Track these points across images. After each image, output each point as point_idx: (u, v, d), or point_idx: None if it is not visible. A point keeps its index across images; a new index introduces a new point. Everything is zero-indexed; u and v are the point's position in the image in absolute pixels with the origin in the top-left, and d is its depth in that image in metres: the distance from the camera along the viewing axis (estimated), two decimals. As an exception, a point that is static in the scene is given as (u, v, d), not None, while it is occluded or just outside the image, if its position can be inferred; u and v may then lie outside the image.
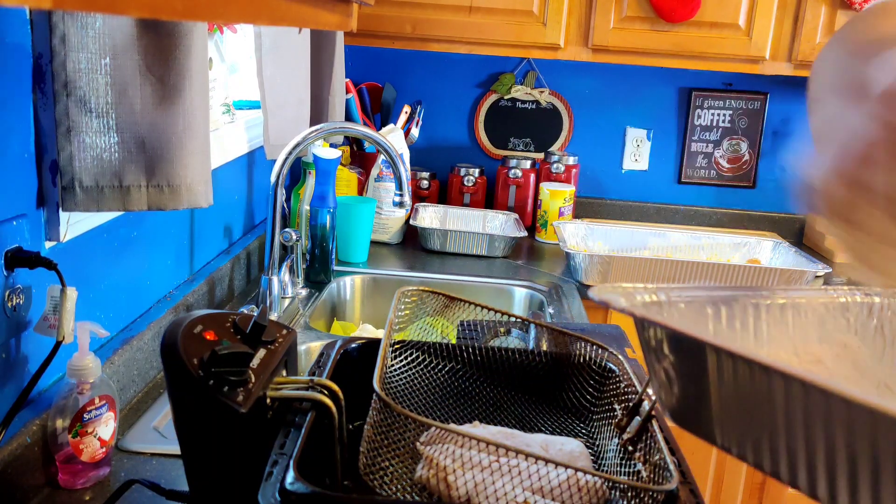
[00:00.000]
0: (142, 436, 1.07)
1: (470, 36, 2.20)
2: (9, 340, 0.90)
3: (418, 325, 0.92)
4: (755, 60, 2.21)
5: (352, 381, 0.80)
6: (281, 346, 0.80)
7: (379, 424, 0.72)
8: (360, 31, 2.20)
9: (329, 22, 1.00)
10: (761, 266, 1.96)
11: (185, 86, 1.03)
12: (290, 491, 0.61)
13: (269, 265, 1.52)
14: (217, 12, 0.54)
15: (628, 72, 2.55)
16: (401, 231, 2.22)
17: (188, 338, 0.74)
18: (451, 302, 0.92)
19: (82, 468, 0.93)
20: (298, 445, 0.67)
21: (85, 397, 0.92)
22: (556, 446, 0.77)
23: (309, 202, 1.76)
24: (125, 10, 0.42)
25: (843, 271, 2.29)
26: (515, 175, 2.46)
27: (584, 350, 0.89)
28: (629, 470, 0.73)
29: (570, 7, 2.20)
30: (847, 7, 2.16)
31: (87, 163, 0.94)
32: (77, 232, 1.03)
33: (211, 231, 1.59)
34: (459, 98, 2.63)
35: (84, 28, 0.90)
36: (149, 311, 1.29)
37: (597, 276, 1.94)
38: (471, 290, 1.86)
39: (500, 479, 0.67)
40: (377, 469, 0.69)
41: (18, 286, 0.90)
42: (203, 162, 1.10)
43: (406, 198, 1.55)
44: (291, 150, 1.49)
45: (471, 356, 0.90)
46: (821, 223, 0.58)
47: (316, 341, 1.46)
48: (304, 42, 1.73)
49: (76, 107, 0.92)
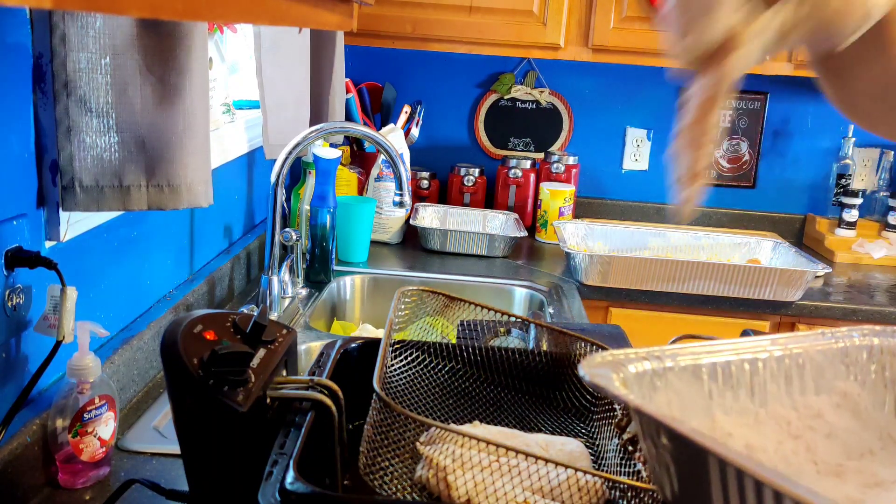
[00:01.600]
0: (142, 435, 1.07)
1: (470, 36, 2.20)
2: (9, 340, 0.90)
3: (418, 325, 0.92)
4: (755, 60, 2.21)
5: (352, 381, 0.80)
6: (281, 345, 0.80)
7: (379, 424, 0.72)
8: (360, 31, 2.20)
9: (329, 22, 1.00)
10: (761, 266, 1.96)
11: (186, 86, 1.03)
12: (290, 491, 0.61)
13: (269, 265, 1.52)
14: (217, 12, 0.54)
15: (628, 72, 2.55)
16: (401, 231, 2.22)
17: (188, 337, 0.74)
18: (451, 302, 0.92)
19: (82, 468, 0.93)
20: (298, 445, 0.67)
21: (85, 397, 0.92)
22: (556, 446, 0.77)
23: (309, 202, 1.76)
24: (125, 10, 0.42)
25: (843, 271, 2.29)
26: (515, 175, 2.46)
27: (584, 350, 0.89)
28: (629, 470, 0.73)
29: (571, 7, 2.20)
30: (847, 7, 2.16)
31: (87, 162, 0.94)
32: (77, 231, 1.03)
33: (211, 231, 1.59)
34: (459, 98, 2.63)
35: (84, 28, 0.90)
36: (149, 310, 1.29)
37: (597, 276, 1.94)
38: (471, 290, 1.86)
39: (500, 479, 0.67)
40: (377, 469, 0.69)
41: (18, 286, 0.90)
42: (203, 162, 1.10)
43: (406, 198, 1.55)
44: (291, 149, 1.49)
45: (471, 356, 0.90)
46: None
47: (316, 341, 1.46)
48: (304, 42, 1.73)
49: (76, 106, 0.92)
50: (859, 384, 0.62)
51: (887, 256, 2.38)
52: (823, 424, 0.60)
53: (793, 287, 1.93)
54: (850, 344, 0.63)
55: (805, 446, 0.58)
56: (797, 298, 1.96)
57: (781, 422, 0.59)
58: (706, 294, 1.96)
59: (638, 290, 1.96)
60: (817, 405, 0.60)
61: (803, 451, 0.58)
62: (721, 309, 1.99)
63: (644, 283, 1.95)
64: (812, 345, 0.62)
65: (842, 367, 0.62)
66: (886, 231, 2.50)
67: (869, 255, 2.38)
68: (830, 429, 0.59)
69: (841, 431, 0.60)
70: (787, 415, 0.59)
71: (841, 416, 0.60)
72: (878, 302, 2.03)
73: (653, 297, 1.98)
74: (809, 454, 0.58)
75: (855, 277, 2.25)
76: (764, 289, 1.94)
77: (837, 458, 0.58)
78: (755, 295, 1.95)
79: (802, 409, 0.60)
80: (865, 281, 2.22)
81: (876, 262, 2.38)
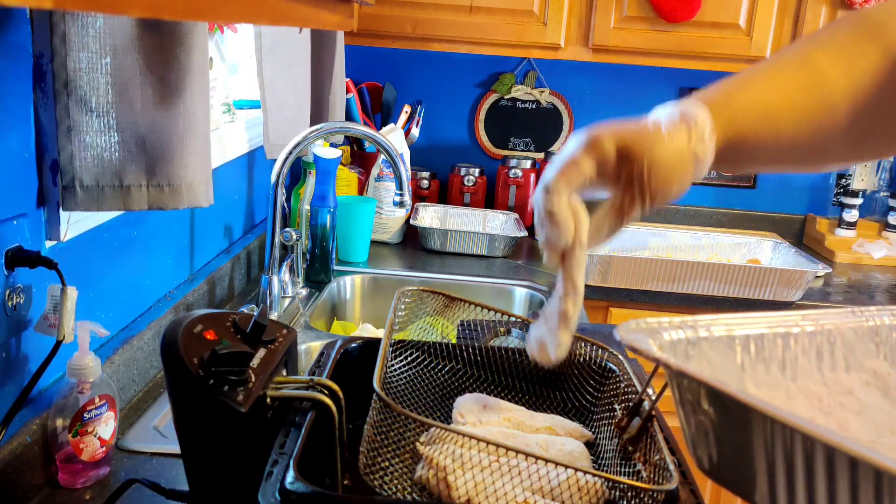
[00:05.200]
0: (142, 435, 1.07)
1: (470, 36, 2.20)
2: (9, 340, 0.90)
3: (418, 325, 0.92)
4: (755, 60, 2.21)
5: (352, 381, 0.80)
6: (281, 345, 0.80)
7: (379, 424, 0.72)
8: (360, 31, 2.20)
9: (330, 22, 1.00)
10: (761, 266, 1.96)
11: (186, 85, 1.03)
12: (290, 490, 0.61)
13: (270, 265, 1.52)
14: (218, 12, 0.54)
15: (628, 72, 2.55)
16: (401, 231, 2.22)
17: (188, 337, 0.74)
18: (451, 302, 0.92)
19: (82, 467, 0.93)
20: (298, 445, 0.67)
21: (85, 397, 0.92)
22: (556, 446, 0.77)
23: (309, 202, 1.76)
24: (126, 10, 0.42)
25: (843, 271, 2.29)
26: (516, 175, 2.46)
27: (584, 350, 0.89)
28: (629, 470, 0.73)
29: (571, 7, 2.20)
30: (848, 7, 2.16)
31: (87, 162, 0.94)
32: (77, 231, 1.03)
33: (211, 230, 1.59)
34: (460, 98, 2.63)
35: (85, 27, 0.90)
36: (149, 310, 1.29)
37: (597, 275, 1.94)
38: (471, 290, 1.86)
39: (500, 479, 0.67)
40: (377, 469, 0.69)
41: (19, 285, 0.90)
42: (203, 161, 1.10)
43: (406, 197, 1.55)
44: (291, 149, 1.49)
45: (471, 356, 0.90)
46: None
47: (316, 341, 1.46)
48: (304, 42, 1.73)
49: (77, 106, 0.92)
50: (889, 363, 0.62)
51: (887, 256, 2.38)
52: (854, 402, 0.60)
53: (793, 287, 1.93)
54: (880, 323, 0.63)
55: (837, 423, 0.58)
56: (797, 299, 1.96)
57: (812, 397, 0.59)
58: (706, 294, 1.96)
59: (638, 290, 1.96)
60: (848, 382, 0.60)
61: (835, 427, 0.58)
62: (721, 309, 1.99)
63: (644, 283, 1.95)
64: (843, 322, 0.62)
65: (871, 346, 0.62)
66: (886, 231, 2.50)
67: (869, 256, 2.38)
68: (861, 406, 0.60)
69: (871, 409, 0.60)
70: (818, 390, 0.59)
71: (871, 395, 0.60)
72: (878, 302, 2.03)
73: (653, 297, 1.98)
74: (842, 430, 0.58)
75: (855, 277, 2.25)
76: (764, 289, 1.94)
77: (869, 434, 0.58)
78: (755, 295, 1.95)
79: (833, 386, 0.60)
80: (865, 281, 2.22)
81: (876, 263, 2.38)
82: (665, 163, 0.70)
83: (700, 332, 0.56)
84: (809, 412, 0.59)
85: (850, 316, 0.63)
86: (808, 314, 0.62)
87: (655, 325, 0.54)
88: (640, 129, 0.72)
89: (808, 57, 0.76)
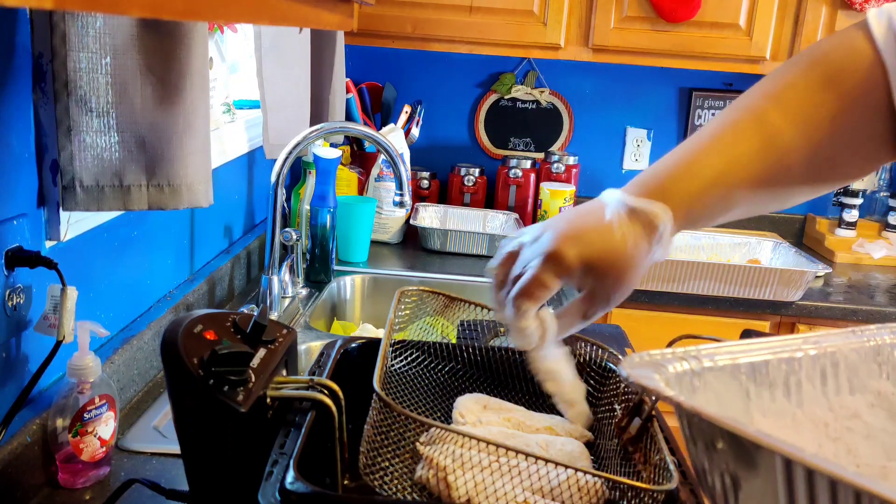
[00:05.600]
0: (142, 435, 1.07)
1: (470, 36, 2.20)
2: (9, 340, 0.90)
3: (418, 325, 0.92)
4: (755, 60, 2.21)
5: (352, 381, 0.80)
6: (281, 345, 0.80)
7: (379, 424, 0.72)
8: (360, 31, 2.20)
9: (330, 21, 1.00)
10: (761, 266, 1.96)
11: (186, 85, 1.03)
12: (290, 490, 0.61)
13: (270, 265, 1.52)
14: (218, 12, 0.54)
15: (628, 72, 2.55)
16: (401, 231, 2.22)
17: (188, 337, 0.74)
18: (451, 302, 0.92)
19: (82, 467, 0.93)
20: (298, 445, 0.67)
21: (85, 397, 0.92)
22: (556, 446, 0.77)
23: (309, 202, 1.76)
24: (126, 10, 0.42)
25: (843, 271, 2.29)
26: (516, 175, 2.46)
27: (584, 350, 0.89)
28: (629, 470, 0.73)
29: (571, 7, 2.20)
30: (848, 7, 2.16)
31: (87, 162, 0.94)
32: (77, 231, 1.03)
33: (211, 231, 1.59)
34: (460, 98, 2.63)
35: (85, 28, 0.90)
36: (149, 310, 1.29)
37: (597, 276, 1.93)
38: (471, 290, 1.86)
39: (500, 479, 0.67)
40: (377, 469, 0.69)
41: (19, 285, 0.90)
42: (203, 161, 1.10)
43: (406, 197, 1.55)
44: (291, 149, 1.49)
45: (471, 356, 0.90)
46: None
47: (316, 341, 1.46)
48: (304, 42, 1.73)
49: (77, 106, 0.92)
50: (892, 383, 0.62)
51: (887, 256, 2.38)
52: (861, 425, 0.59)
53: (793, 287, 1.93)
54: (881, 342, 0.63)
55: (846, 448, 0.58)
56: (797, 299, 1.96)
57: (819, 423, 0.59)
58: (706, 294, 1.96)
59: (638, 290, 1.95)
60: (853, 405, 0.60)
61: (844, 454, 0.58)
62: (721, 309, 1.99)
63: (644, 282, 1.95)
64: (845, 343, 0.62)
65: (874, 366, 0.62)
66: (886, 231, 2.50)
67: (869, 256, 2.38)
68: (868, 430, 0.59)
69: (878, 432, 0.59)
70: (824, 416, 0.59)
71: (877, 416, 0.60)
72: (877, 302, 2.03)
73: (653, 297, 1.98)
74: (851, 457, 0.58)
75: (855, 278, 2.25)
76: (764, 289, 1.94)
77: (880, 459, 0.58)
78: (755, 295, 1.95)
79: (839, 410, 0.60)
80: (865, 281, 2.22)
81: (876, 263, 2.38)
82: (628, 277, 0.74)
83: (704, 363, 0.55)
84: (817, 439, 0.58)
85: (850, 336, 0.62)
86: (810, 337, 0.61)
87: (659, 358, 0.53)
88: (603, 243, 0.74)
89: (762, 117, 0.77)
